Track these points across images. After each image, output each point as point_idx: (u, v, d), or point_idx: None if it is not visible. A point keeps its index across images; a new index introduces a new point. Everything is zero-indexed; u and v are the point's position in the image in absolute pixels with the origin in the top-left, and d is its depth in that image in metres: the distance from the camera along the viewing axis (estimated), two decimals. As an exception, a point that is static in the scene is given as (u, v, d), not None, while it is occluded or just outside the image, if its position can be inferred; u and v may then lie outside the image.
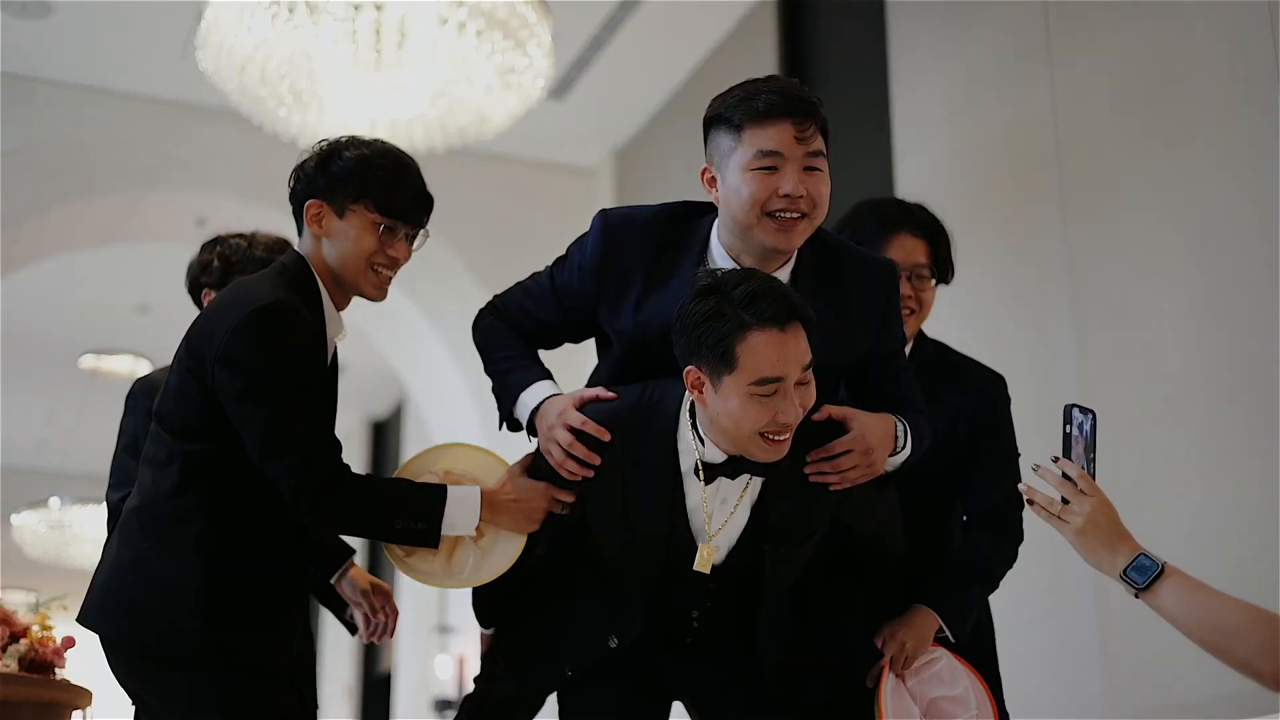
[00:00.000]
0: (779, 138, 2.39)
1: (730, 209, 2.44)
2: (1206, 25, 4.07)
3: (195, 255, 3.25)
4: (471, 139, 4.98)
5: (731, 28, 6.74)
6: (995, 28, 4.96)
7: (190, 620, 2.35)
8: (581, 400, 2.47)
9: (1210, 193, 3.97)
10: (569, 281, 2.60)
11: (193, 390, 2.43)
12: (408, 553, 2.53)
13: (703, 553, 2.44)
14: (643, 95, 7.33)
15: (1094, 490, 2.17)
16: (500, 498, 2.49)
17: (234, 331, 2.37)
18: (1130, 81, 4.32)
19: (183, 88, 6.96)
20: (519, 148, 7.44)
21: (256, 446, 2.37)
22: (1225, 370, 3.85)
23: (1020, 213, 4.73)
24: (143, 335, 9.69)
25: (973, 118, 4.94)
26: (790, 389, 2.28)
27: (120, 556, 2.45)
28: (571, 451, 2.44)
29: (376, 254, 2.54)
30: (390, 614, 3.01)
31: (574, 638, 2.57)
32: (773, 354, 2.26)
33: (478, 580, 2.54)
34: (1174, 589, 2.07)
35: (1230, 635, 2.02)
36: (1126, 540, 2.13)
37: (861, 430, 2.43)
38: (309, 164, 2.59)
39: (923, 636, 2.70)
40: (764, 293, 2.28)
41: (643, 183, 7.60)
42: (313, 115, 4.83)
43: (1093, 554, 2.13)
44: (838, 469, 2.43)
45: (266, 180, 7.37)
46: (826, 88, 6.17)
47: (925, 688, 2.64)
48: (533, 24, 4.58)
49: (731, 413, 2.30)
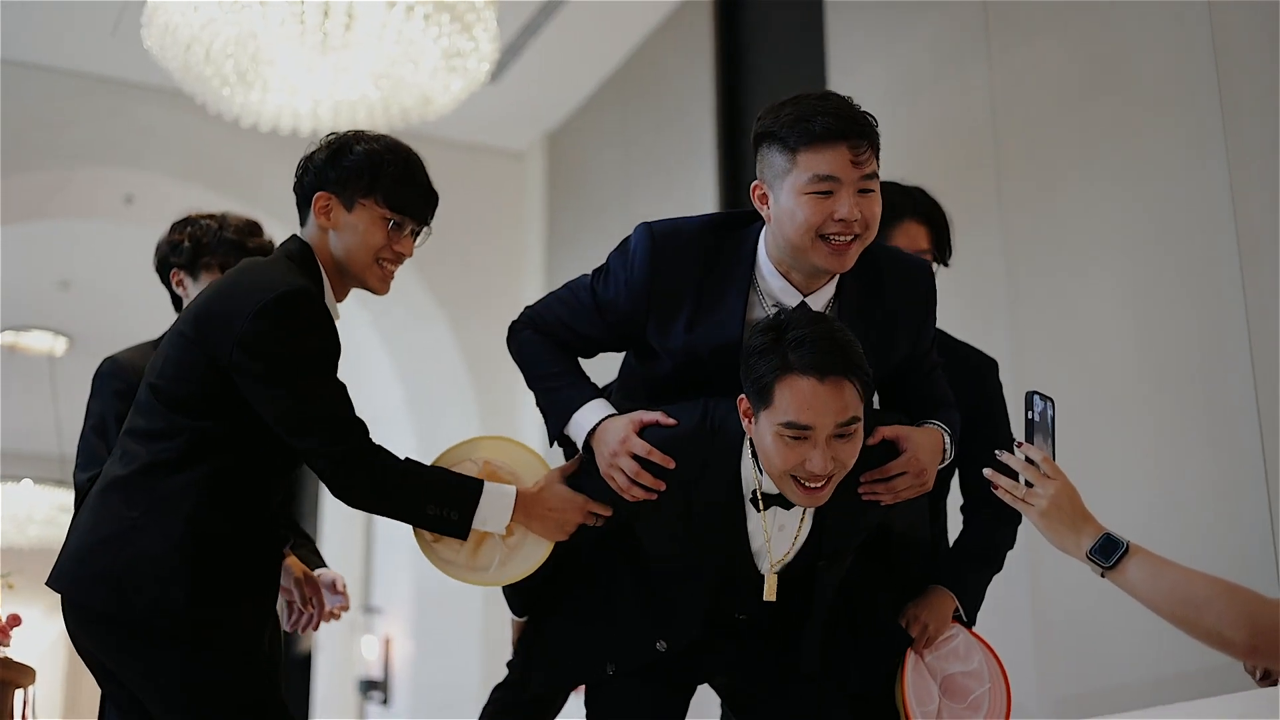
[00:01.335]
0: (835, 162, 2.37)
1: (783, 230, 2.42)
2: (1145, 21, 4.15)
3: (164, 235, 3.26)
4: (415, 121, 5.00)
5: (667, 16, 6.78)
6: (934, 23, 5.02)
7: (176, 594, 2.38)
8: (641, 424, 2.45)
9: (1147, 187, 4.08)
10: (615, 299, 2.55)
11: (200, 367, 2.46)
12: (435, 539, 2.56)
13: (769, 580, 2.46)
14: (576, 80, 7.35)
15: (1057, 473, 2.22)
16: (536, 503, 2.52)
17: (258, 315, 2.41)
18: (1069, 78, 4.41)
19: (114, 64, 6.90)
20: (449, 130, 7.42)
21: (286, 426, 2.42)
22: (1162, 363, 3.94)
23: (958, 208, 4.78)
24: (62, 312, 9.56)
25: (911, 113, 5.02)
26: (821, 440, 2.28)
27: (102, 526, 2.45)
28: (637, 480, 2.43)
29: (384, 249, 2.59)
30: (318, 607, 3.06)
31: (620, 640, 2.58)
32: (804, 401, 2.26)
33: (500, 580, 2.57)
34: (1140, 566, 2.12)
35: (1199, 607, 2.06)
36: (1090, 521, 2.18)
37: (915, 451, 2.45)
38: (318, 156, 2.62)
39: (943, 617, 2.76)
40: (815, 340, 2.28)
41: (574, 167, 7.64)
42: (255, 95, 4.83)
43: (1057, 536, 2.18)
44: (892, 490, 2.45)
45: (197, 158, 7.34)
46: (762, 80, 6.25)
47: (943, 663, 2.72)
48: (480, 7, 4.62)
49: (765, 449, 2.33)
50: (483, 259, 7.76)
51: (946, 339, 3.15)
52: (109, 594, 2.40)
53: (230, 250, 3.15)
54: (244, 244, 3.17)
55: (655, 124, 6.85)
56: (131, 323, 10.03)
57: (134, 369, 3.05)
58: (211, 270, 3.17)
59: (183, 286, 3.22)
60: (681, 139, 6.59)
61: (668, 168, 6.70)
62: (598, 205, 7.28)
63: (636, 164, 6.98)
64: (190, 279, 3.21)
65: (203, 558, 2.41)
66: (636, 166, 6.98)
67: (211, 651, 2.41)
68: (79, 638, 2.50)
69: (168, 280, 3.25)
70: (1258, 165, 3.78)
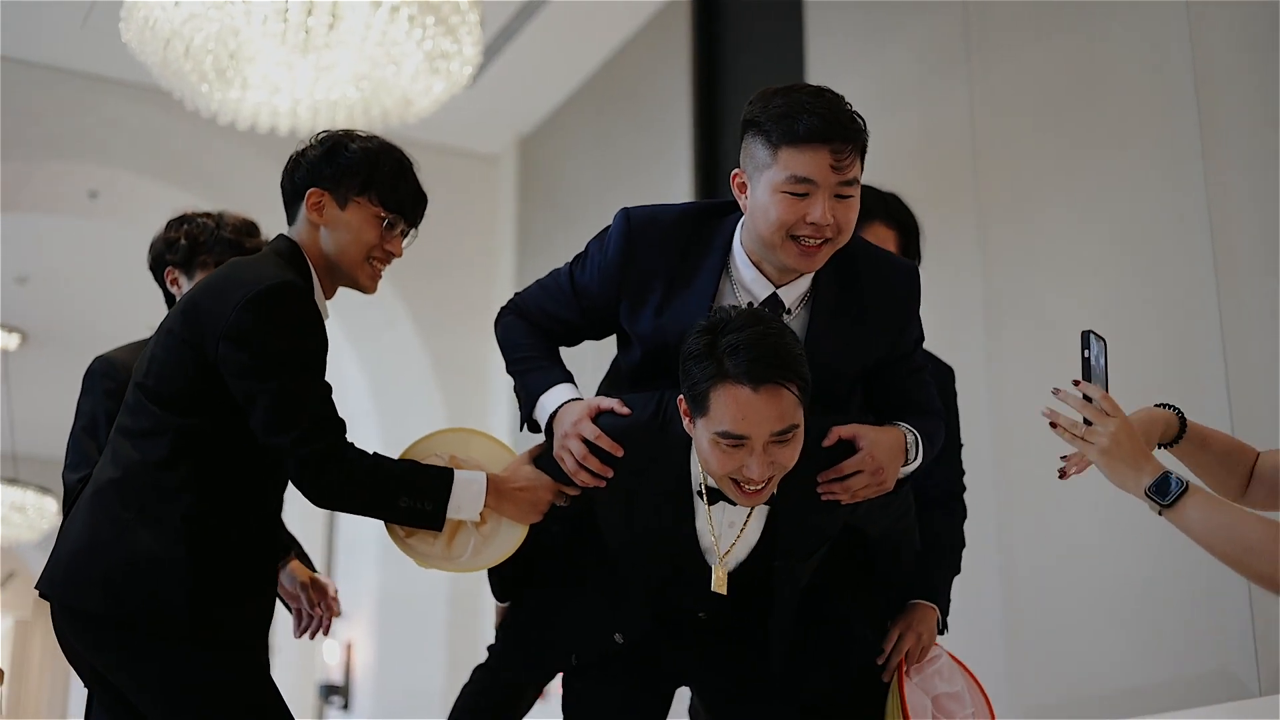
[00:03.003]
0: (814, 165, 2.33)
1: (756, 223, 2.41)
2: (1125, 36, 4.19)
3: (159, 233, 3.22)
4: (394, 123, 4.98)
5: (644, 22, 6.78)
6: (914, 33, 5.05)
7: (175, 595, 2.36)
8: (596, 410, 2.46)
9: (1126, 199, 4.12)
10: (589, 282, 2.57)
11: (188, 364, 2.45)
12: (409, 533, 2.55)
13: (717, 573, 2.45)
14: (551, 84, 7.34)
15: (1116, 411, 2.20)
16: (506, 485, 2.53)
17: (243, 308, 2.40)
18: (1048, 88, 4.44)
19: (83, 58, 6.83)
20: (421, 132, 7.37)
21: (262, 421, 2.40)
22: (1140, 375, 3.97)
23: (936, 218, 4.84)
24: (17, 307, 9.47)
25: (890, 123, 5.04)
26: (758, 447, 2.26)
27: (97, 527, 2.42)
28: (584, 463, 2.44)
29: (375, 247, 2.61)
30: (327, 610, 3.04)
31: (580, 630, 2.61)
32: (738, 412, 2.23)
33: (476, 566, 2.57)
34: (1197, 506, 2.11)
35: (1252, 550, 2.06)
36: (1150, 460, 2.16)
37: (871, 449, 2.42)
38: (310, 153, 2.63)
39: (931, 630, 2.76)
40: (750, 346, 2.23)
41: (547, 171, 7.62)
42: (234, 93, 4.79)
43: (1117, 473, 2.17)
44: (848, 489, 2.43)
45: (164, 155, 7.26)
46: (741, 88, 6.26)
47: (928, 684, 2.71)
48: (464, 9, 4.60)
49: (703, 454, 2.32)
50: (453, 263, 7.73)
51: None
52: (106, 596, 2.38)
53: (226, 249, 3.13)
54: (241, 243, 3.15)
55: (630, 129, 6.84)
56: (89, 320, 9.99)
57: (125, 368, 3.03)
58: (207, 269, 3.15)
59: (177, 285, 3.19)
60: (657, 146, 6.59)
61: (642, 173, 6.70)
62: (570, 209, 7.27)
63: (610, 169, 6.97)
64: (185, 277, 3.18)
65: (202, 557, 2.39)
66: (610, 172, 6.97)
67: (212, 652, 2.39)
68: (71, 642, 2.47)
69: (162, 279, 3.22)
70: (1235, 180, 3.81)
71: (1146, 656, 3.85)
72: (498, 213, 7.94)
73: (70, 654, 2.52)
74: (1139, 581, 3.90)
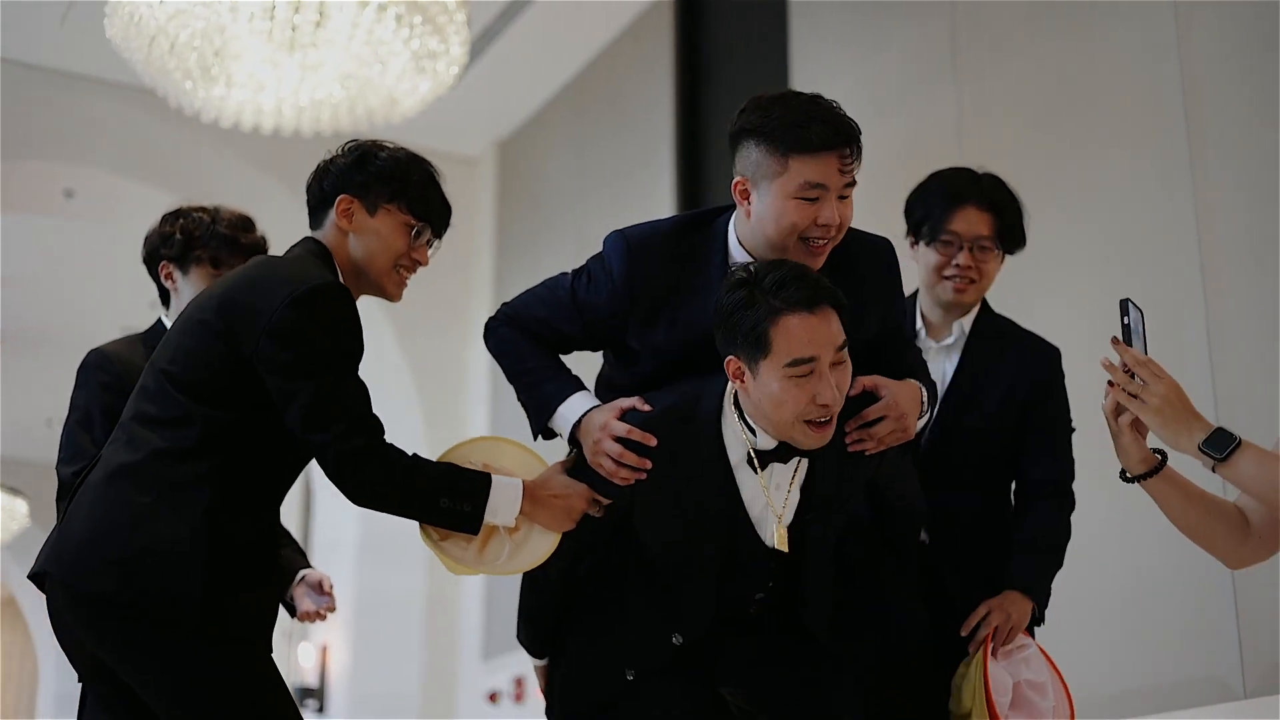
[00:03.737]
0: (825, 171, 2.47)
1: (765, 227, 2.52)
2: (1112, 44, 4.22)
3: (154, 227, 3.19)
4: (379, 123, 4.96)
5: (626, 25, 6.78)
6: (901, 41, 5.06)
7: (191, 588, 2.34)
8: (621, 410, 2.52)
9: (1113, 201, 4.14)
10: (595, 299, 2.62)
11: (220, 357, 2.44)
12: (443, 536, 2.55)
13: (779, 531, 2.51)
14: (531, 87, 7.34)
15: (1163, 373, 2.26)
16: (542, 492, 2.54)
17: (289, 305, 2.41)
18: (1036, 91, 4.47)
19: (60, 56, 6.79)
20: (401, 134, 7.33)
21: (301, 417, 2.40)
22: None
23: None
24: (-9, 306, 9.41)
25: (877, 126, 5.05)
26: (825, 370, 2.37)
27: (112, 512, 2.39)
28: (623, 461, 2.49)
29: (403, 255, 2.64)
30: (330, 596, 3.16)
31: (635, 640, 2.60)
32: (804, 335, 2.35)
33: (509, 570, 2.58)
34: (1251, 460, 2.19)
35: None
36: (1200, 418, 2.23)
37: (894, 396, 2.53)
38: (340, 160, 2.64)
39: (1023, 614, 2.85)
40: (793, 279, 2.38)
41: (526, 175, 7.61)
42: (218, 91, 4.76)
43: (1171, 431, 2.23)
44: (874, 435, 2.52)
45: (141, 154, 7.22)
46: (724, 92, 6.26)
47: (1014, 668, 2.76)
48: (452, 9, 4.59)
49: (773, 396, 2.38)
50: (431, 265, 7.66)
51: (1013, 325, 3.23)
52: (119, 580, 2.35)
53: (222, 244, 3.11)
54: (236, 239, 3.13)
55: (611, 133, 6.84)
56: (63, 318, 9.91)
57: (121, 361, 3.01)
58: (202, 264, 3.12)
59: (171, 279, 3.17)
60: (637, 150, 6.59)
61: (622, 177, 6.69)
62: (550, 213, 7.25)
63: (591, 173, 6.97)
64: (180, 272, 3.15)
65: (218, 550, 2.38)
66: (590, 175, 6.96)
67: (221, 646, 2.38)
68: (70, 628, 2.44)
69: (156, 273, 3.19)
70: (1222, 182, 3.84)
71: (1133, 660, 3.87)
72: (476, 216, 7.91)
73: (67, 642, 2.48)
74: (1125, 587, 3.92)
